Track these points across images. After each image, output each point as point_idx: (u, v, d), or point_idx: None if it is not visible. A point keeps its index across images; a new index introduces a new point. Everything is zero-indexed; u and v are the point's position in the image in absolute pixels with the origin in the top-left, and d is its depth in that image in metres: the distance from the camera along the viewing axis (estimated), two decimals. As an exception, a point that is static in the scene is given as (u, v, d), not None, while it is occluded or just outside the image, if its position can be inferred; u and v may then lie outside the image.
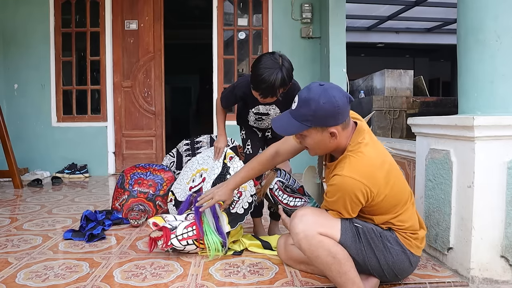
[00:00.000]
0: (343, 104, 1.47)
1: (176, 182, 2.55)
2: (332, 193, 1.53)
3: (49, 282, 1.75)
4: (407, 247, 1.61)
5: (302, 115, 1.49)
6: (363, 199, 1.49)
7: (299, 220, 1.56)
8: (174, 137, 6.79)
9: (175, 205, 2.47)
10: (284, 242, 1.94)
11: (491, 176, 1.74)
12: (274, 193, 2.06)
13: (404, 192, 1.61)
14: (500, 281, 1.76)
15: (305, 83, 4.73)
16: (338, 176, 1.50)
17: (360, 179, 1.46)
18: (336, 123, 1.49)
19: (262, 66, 1.99)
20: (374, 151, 1.55)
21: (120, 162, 5.29)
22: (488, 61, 1.83)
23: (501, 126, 1.72)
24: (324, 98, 1.45)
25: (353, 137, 1.56)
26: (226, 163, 2.35)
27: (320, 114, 1.47)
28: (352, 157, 1.51)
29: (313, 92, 1.48)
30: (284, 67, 2.00)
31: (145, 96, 5.29)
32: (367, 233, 1.57)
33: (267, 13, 5.26)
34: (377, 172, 1.51)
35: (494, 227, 1.75)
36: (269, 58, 2.01)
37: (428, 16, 8.06)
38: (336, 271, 1.52)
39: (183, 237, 2.03)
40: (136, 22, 5.21)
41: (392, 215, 1.58)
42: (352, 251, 1.55)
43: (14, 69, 5.08)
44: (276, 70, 1.97)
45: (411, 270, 1.68)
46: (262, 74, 1.97)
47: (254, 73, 2.02)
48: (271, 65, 1.98)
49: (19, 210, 3.16)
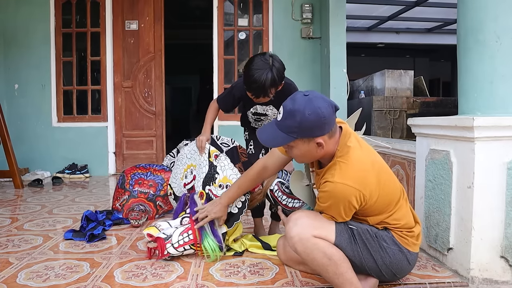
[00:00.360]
0: (328, 114, 1.45)
1: (172, 176, 2.53)
2: (325, 199, 1.52)
3: (50, 282, 1.76)
4: (404, 246, 1.61)
5: (288, 127, 1.47)
6: (356, 204, 1.49)
7: (293, 224, 1.56)
8: (175, 137, 6.79)
9: (175, 199, 2.47)
10: (283, 243, 1.94)
11: (491, 177, 1.74)
12: (274, 194, 2.07)
13: (395, 190, 1.61)
14: (500, 281, 1.77)
15: (306, 83, 4.77)
16: (330, 183, 1.49)
17: (352, 185, 1.46)
18: (322, 133, 1.48)
19: (253, 67, 2.03)
20: (363, 154, 1.54)
21: (120, 162, 5.29)
22: (488, 61, 1.84)
23: (500, 127, 1.72)
24: (309, 110, 1.43)
25: (340, 142, 1.55)
26: (212, 161, 2.31)
27: (305, 126, 1.44)
28: (342, 162, 1.50)
29: (298, 103, 1.45)
30: (275, 67, 2.03)
31: (145, 96, 5.30)
32: (362, 234, 1.57)
33: (267, 13, 5.26)
34: (368, 175, 1.50)
35: (494, 227, 1.75)
36: (260, 59, 2.05)
37: (428, 17, 8.06)
38: (333, 272, 1.52)
39: (179, 244, 2.01)
40: (137, 22, 5.22)
41: (386, 215, 1.58)
42: (349, 252, 1.55)
43: (14, 69, 5.09)
44: (266, 71, 2.01)
45: (410, 269, 1.68)
46: (253, 75, 2.01)
47: (245, 74, 2.07)
48: (261, 66, 2.02)
49: (19, 210, 3.17)
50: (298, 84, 2.32)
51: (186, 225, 2.08)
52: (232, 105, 2.42)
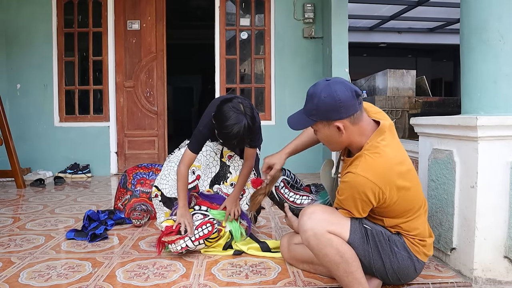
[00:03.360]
0: (345, 98, 1.47)
1: (160, 177, 2.43)
2: (343, 190, 1.52)
3: (51, 282, 1.76)
4: (414, 254, 1.60)
5: (308, 110, 1.54)
6: (373, 199, 1.47)
7: (308, 218, 1.55)
8: (176, 137, 6.79)
9: (162, 201, 2.39)
10: (287, 241, 1.94)
11: (494, 176, 1.73)
12: (280, 191, 2.02)
13: (417, 199, 1.59)
14: (504, 281, 1.76)
15: (308, 83, 4.76)
16: (351, 174, 1.49)
17: (372, 179, 1.45)
18: (340, 117, 1.49)
19: (229, 123, 1.90)
20: (393, 152, 1.52)
21: (122, 162, 5.29)
22: (492, 61, 1.83)
23: (504, 126, 1.71)
24: (325, 93, 1.48)
25: (373, 136, 1.54)
26: (225, 161, 2.34)
27: (322, 108, 1.49)
28: (368, 156, 1.49)
29: (317, 87, 1.52)
30: (247, 115, 1.93)
31: (147, 96, 5.30)
32: (376, 236, 1.56)
33: (269, 13, 5.26)
34: (392, 174, 1.48)
35: (497, 227, 1.74)
36: (232, 111, 1.91)
37: (430, 16, 8.06)
38: (343, 270, 1.51)
39: (195, 238, 2.04)
40: (139, 22, 5.22)
41: (403, 220, 1.57)
42: (359, 251, 1.54)
43: (16, 69, 5.10)
44: (242, 122, 1.90)
45: (415, 276, 1.68)
46: (231, 131, 1.90)
47: (221, 130, 1.94)
48: (236, 119, 1.90)
49: (21, 210, 3.17)
50: (300, 84, 2.33)
51: (200, 220, 2.09)
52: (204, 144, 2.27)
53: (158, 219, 2.41)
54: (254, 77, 5.35)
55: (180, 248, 2.01)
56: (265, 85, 5.31)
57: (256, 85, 5.34)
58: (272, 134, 5.07)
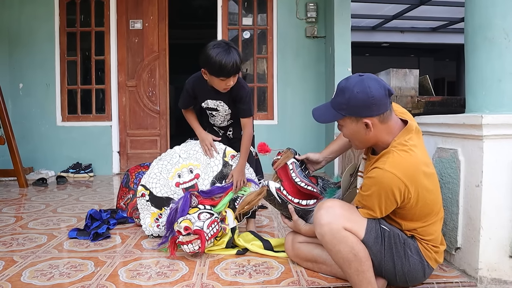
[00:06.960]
0: (378, 95, 1.45)
1: (148, 176, 2.39)
2: (368, 186, 1.49)
3: (54, 281, 1.75)
4: (426, 259, 1.59)
5: (338, 103, 1.51)
6: (399, 197, 1.45)
7: (325, 211, 1.52)
8: (179, 136, 6.78)
9: (150, 200, 2.35)
10: (292, 240, 1.93)
11: (500, 175, 1.72)
12: (283, 193, 1.93)
13: (437, 203, 1.59)
14: (509, 281, 1.74)
15: (310, 82, 4.75)
16: (378, 169, 1.46)
17: (400, 176, 1.42)
18: (370, 114, 1.47)
19: (218, 54, 2.04)
20: (420, 153, 1.51)
21: (124, 162, 5.29)
22: (496, 59, 1.81)
23: (509, 125, 1.70)
24: (359, 88, 1.45)
25: (400, 134, 1.53)
26: (228, 161, 2.34)
27: (353, 104, 1.47)
28: (397, 153, 1.47)
29: (350, 81, 1.50)
30: (233, 47, 2.09)
31: (149, 96, 5.30)
32: (392, 238, 1.54)
33: (271, 13, 5.25)
34: (419, 174, 1.47)
35: (503, 227, 1.73)
36: (218, 47, 2.07)
37: (433, 16, 8.04)
38: (355, 268, 1.50)
39: (208, 237, 2.03)
40: (141, 21, 5.22)
41: (421, 224, 1.56)
42: (372, 251, 1.52)
43: (19, 68, 5.10)
44: (230, 51, 2.06)
45: (422, 280, 1.67)
46: (222, 59, 2.04)
47: (212, 63, 2.07)
48: (224, 49, 2.06)
49: (24, 209, 3.17)
50: (302, 83, 2.33)
51: (209, 218, 2.08)
52: (191, 103, 2.47)
53: (143, 219, 2.36)
54: (257, 77, 5.34)
55: (197, 248, 1.98)
56: (268, 84, 5.30)
57: (258, 85, 5.33)
58: (274, 134, 5.06)
